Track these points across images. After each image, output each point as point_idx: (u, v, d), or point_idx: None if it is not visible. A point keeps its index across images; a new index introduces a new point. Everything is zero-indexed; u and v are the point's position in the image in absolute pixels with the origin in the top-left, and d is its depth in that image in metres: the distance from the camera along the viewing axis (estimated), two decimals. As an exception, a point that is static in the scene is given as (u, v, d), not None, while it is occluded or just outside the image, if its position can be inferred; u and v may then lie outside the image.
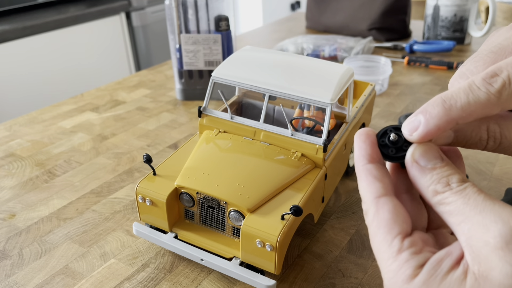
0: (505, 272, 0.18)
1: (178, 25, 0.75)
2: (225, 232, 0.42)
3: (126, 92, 0.87)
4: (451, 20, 1.05)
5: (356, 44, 1.01)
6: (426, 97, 0.81)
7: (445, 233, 0.25)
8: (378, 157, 0.25)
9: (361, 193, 0.24)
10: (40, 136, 0.70)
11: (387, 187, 0.24)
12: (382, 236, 0.22)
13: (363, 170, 0.24)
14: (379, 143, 0.25)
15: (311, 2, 1.24)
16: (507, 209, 0.20)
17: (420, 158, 0.23)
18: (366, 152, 0.24)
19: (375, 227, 0.23)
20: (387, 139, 0.25)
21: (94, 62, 1.76)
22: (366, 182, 0.24)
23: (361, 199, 0.24)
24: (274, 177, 0.41)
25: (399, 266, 0.21)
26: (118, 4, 1.78)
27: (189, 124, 0.73)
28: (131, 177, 0.59)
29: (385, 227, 0.22)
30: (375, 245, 0.23)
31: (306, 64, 0.48)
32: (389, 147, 0.24)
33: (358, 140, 0.25)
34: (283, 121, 0.54)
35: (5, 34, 1.45)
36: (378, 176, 0.24)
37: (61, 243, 0.48)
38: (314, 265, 0.44)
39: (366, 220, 0.24)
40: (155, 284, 0.42)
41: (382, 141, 0.25)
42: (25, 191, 0.57)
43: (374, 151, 0.25)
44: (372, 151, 0.24)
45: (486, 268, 0.19)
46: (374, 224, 0.23)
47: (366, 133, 0.25)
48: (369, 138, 0.25)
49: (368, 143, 0.25)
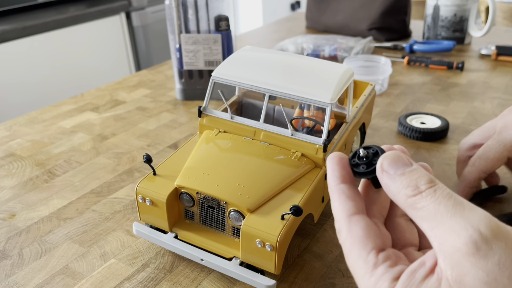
0: (477, 277, 0.19)
1: (178, 25, 0.75)
2: (225, 232, 0.42)
3: (126, 92, 0.87)
4: (451, 20, 1.05)
5: (356, 44, 1.01)
6: (426, 97, 0.81)
7: (411, 251, 0.26)
8: (350, 177, 0.26)
9: (334, 213, 0.25)
10: (40, 136, 0.70)
11: (359, 206, 0.24)
12: (357, 252, 0.23)
13: (336, 190, 0.25)
14: (351, 163, 0.26)
15: (311, 2, 1.24)
16: (476, 213, 0.20)
17: (389, 167, 0.23)
18: (339, 173, 0.25)
19: (349, 244, 0.23)
20: (357, 157, 0.26)
21: (94, 62, 1.76)
22: (338, 201, 0.25)
23: (334, 218, 0.25)
24: (274, 177, 0.41)
25: (376, 281, 0.22)
26: (118, 4, 1.78)
27: (189, 124, 0.73)
28: (131, 177, 0.59)
29: (359, 243, 0.23)
30: (351, 263, 0.23)
31: (306, 64, 0.48)
32: (359, 165, 0.26)
33: (331, 163, 0.26)
34: (283, 121, 0.54)
35: (5, 34, 1.45)
36: (350, 195, 0.25)
37: (61, 243, 0.48)
38: (314, 265, 0.44)
39: (339, 239, 0.24)
40: (155, 284, 0.42)
41: (353, 161, 0.26)
42: (25, 191, 0.57)
43: (346, 172, 0.26)
44: (344, 172, 0.26)
45: (459, 273, 0.19)
46: (348, 242, 0.23)
47: (338, 156, 0.26)
48: (342, 161, 0.26)
49: (340, 165, 0.26)
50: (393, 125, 0.71)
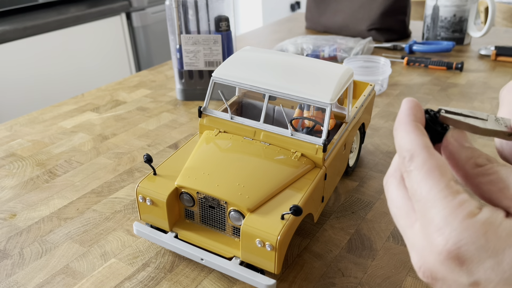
0: None
1: (178, 26, 0.76)
2: (225, 231, 0.43)
3: (126, 92, 0.87)
4: (451, 21, 1.05)
5: (355, 44, 1.01)
6: (425, 97, 0.81)
7: None
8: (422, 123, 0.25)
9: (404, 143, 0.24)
10: (41, 136, 0.71)
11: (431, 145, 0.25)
12: (437, 179, 0.23)
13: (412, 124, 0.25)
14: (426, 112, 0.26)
15: (310, 3, 1.24)
16: None
17: (460, 138, 0.25)
18: (415, 114, 0.25)
19: (427, 170, 0.23)
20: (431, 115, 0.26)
21: (94, 62, 1.77)
22: (414, 133, 0.24)
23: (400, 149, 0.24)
24: (274, 177, 0.42)
25: (460, 203, 0.22)
26: (118, 5, 1.78)
27: (189, 124, 0.74)
28: (131, 177, 0.59)
29: (439, 170, 0.23)
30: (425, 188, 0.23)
31: (306, 64, 0.48)
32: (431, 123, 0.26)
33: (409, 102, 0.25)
34: (283, 121, 0.54)
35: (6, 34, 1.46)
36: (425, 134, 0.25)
37: (61, 242, 0.48)
38: (314, 264, 0.44)
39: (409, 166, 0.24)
40: (156, 283, 0.42)
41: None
42: (26, 191, 0.57)
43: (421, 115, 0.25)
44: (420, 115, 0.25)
45: None
46: (425, 168, 0.23)
47: (415, 101, 0.26)
48: (418, 105, 0.26)
49: (417, 108, 0.25)
50: (393, 125, 0.71)
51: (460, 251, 0.21)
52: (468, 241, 0.21)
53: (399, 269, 0.43)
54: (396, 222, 0.25)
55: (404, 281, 0.42)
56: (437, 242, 0.21)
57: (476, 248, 0.20)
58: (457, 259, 0.21)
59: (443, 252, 0.21)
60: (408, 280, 0.42)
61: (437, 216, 0.22)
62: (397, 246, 0.47)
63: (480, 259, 0.20)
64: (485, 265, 0.20)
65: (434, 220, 0.22)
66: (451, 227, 0.21)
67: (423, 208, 0.22)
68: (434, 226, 0.22)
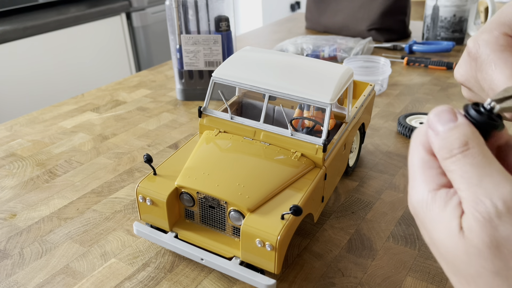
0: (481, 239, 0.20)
1: (178, 26, 0.76)
2: (225, 231, 0.43)
3: (126, 92, 0.87)
4: (451, 21, 1.05)
5: (355, 44, 1.01)
6: (425, 97, 0.81)
7: None
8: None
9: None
10: (41, 136, 0.71)
11: None
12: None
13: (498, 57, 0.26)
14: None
15: (310, 3, 1.24)
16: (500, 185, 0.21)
17: (434, 122, 0.24)
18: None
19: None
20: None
21: (94, 62, 1.77)
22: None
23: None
24: (274, 177, 0.42)
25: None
26: (118, 5, 1.78)
27: (189, 124, 0.74)
28: (131, 177, 0.59)
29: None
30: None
31: (306, 64, 0.48)
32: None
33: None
34: (283, 121, 0.54)
35: (6, 34, 1.46)
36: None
37: (61, 242, 0.48)
38: (314, 264, 0.44)
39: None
40: (156, 283, 0.42)
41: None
42: (26, 191, 0.57)
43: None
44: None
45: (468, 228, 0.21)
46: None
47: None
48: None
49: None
50: (393, 125, 0.71)
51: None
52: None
53: (399, 269, 0.43)
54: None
55: (404, 281, 0.42)
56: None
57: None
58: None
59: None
60: (408, 280, 0.42)
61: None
62: (397, 246, 0.47)
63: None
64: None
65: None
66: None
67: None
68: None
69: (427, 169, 0.24)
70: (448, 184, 0.23)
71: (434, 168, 0.23)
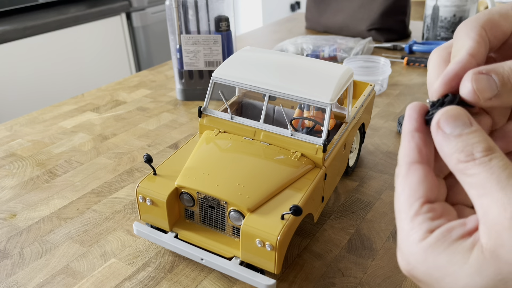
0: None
1: (178, 26, 0.76)
2: (225, 231, 0.43)
3: (126, 92, 0.87)
4: (451, 21, 1.05)
5: (355, 44, 1.01)
6: (425, 97, 0.81)
7: (464, 208, 0.25)
8: (425, 127, 0.24)
9: (399, 156, 0.24)
10: (41, 136, 0.71)
11: (425, 156, 0.24)
12: (405, 197, 0.23)
13: (406, 135, 0.24)
14: (427, 114, 0.24)
15: (310, 3, 1.24)
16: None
17: (445, 125, 0.22)
18: (416, 121, 0.24)
19: (401, 189, 0.23)
20: (432, 105, 0.24)
21: (94, 62, 1.77)
22: (405, 147, 0.24)
23: (398, 162, 0.24)
24: (274, 177, 0.42)
25: (411, 228, 0.22)
26: (118, 5, 1.78)
27: (189, 124, 0.74)
28: (131, 177, 0.59)
29: (409, 190, 0.23)
30: (397, 206, 0.23)
31: (306, 64, 0.48)
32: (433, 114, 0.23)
33: (410, 109, 0.25)
34: (283, 121, 0.54)
35: (6, 34, 1.46)
36: (419, 144, 0.24)
37: (61, 242, 0.48)
38: (314, 264, 0.44)
39: (395, 182, 0.24)
40: (156, 283, 0.42)
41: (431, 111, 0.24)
42: (26, 191, 0.57)
43: (423, 121, 0.24)
44: (422, 120, 0.24)
45: (495, 244, 0.19)
46: (400, 187, 0.23)
47: (419, 104, 0.24)
48: (421, 109, 0.24)
49: (419, 113, 0.24)
50: (393, 125, 0.71)
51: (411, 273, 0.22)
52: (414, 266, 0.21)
53: (399, 269, 0.43)
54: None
55: (404, 281, 0.42)
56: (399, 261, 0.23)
57: (422, 273, 0.21)
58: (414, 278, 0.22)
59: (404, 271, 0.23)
60: (408, 280, 0.42)
61: (399, 237, 0.23)
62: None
63: (428, 284, 0.21)
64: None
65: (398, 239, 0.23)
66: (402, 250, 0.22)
67: (397, 221, 0.23)
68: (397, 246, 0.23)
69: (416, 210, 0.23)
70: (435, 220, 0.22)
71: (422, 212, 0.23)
